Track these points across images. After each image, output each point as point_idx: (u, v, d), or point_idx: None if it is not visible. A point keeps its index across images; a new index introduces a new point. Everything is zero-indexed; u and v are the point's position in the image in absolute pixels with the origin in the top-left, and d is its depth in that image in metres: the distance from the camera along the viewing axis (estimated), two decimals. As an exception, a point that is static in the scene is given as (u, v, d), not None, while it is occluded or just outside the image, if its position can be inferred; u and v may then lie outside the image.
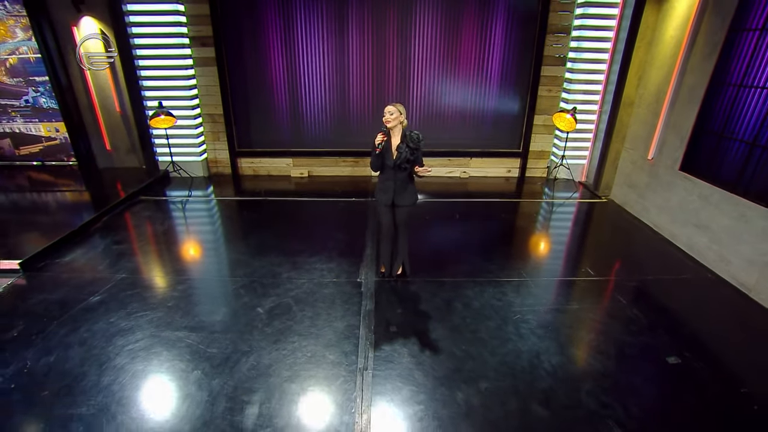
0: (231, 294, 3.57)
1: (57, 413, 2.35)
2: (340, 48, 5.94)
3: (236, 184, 6.45)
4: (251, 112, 6.43)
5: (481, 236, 4.69)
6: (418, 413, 2.36)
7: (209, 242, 4.72)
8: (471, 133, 6.40)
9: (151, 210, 5.35)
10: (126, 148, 6.45)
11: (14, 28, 5.75)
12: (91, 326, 3.07)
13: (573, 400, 2.45)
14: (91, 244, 4.37)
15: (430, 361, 2.75)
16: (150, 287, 3.64)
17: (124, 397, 2.45)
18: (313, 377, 2.60)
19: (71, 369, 2.66)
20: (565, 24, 5.66)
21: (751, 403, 2.48)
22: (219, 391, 2.49)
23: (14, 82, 6.09)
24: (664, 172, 4.65)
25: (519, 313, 3.24)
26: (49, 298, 3.43)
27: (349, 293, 3.51)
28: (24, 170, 6.53)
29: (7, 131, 6.44)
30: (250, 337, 2.97)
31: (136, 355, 2.78)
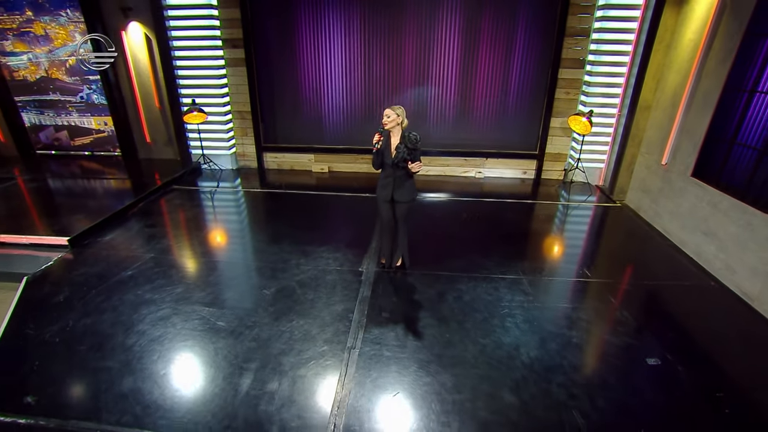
0: (243, 276, 3.94)
1: (89, 365, 2.77)
2: (362, 50, 6.20)
3: (261, 177, 6.87)
4: (277, 109, 6.83)
5: (486, 235, 4.81)
6: (394, 389, 2.59)
7: (231, 230, 5.13)
8: (487, 134, 6.50)
9: (182, 198, 5.84)
10: (163, 141, 7.03)
11: (74, 32, 6.41)
12: (122, 296, 3.51)
13: (542, 390, 2.60)
14: (128, 226, 4.88)
15: (413, 345, 2.97)
16: (174, 266, 4.06)
17: (143, 357, 2.83)
18: (305, 352, 2.89)
19: (103, 330, 3.10)
20: (585, 27, 5.64)
21: (723, 407, 2.53)
22: (223, 357, 2.83)
23: (72, 80, 6.78)
24: (677, 177, 4.60)
25: (507, 308, 3.39)
26: (89, 270, 3.93)
27: (349, 281, 3.78)
28: (77, 159, 7.26)
29: (65, 124, 7.18)
30: (254, 314, 3.30)
31: (156, 323, 3.17)
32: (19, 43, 6.58)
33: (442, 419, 2.40)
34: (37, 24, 6.41)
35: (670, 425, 2.41)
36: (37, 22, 6.40)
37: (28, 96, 7.01)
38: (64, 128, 7.26)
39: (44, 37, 6.50)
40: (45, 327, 3.15)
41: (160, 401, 2.49)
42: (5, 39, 6.57)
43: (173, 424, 2.35)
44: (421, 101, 6.44)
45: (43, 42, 6.55)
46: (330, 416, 2.40)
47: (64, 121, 7.18)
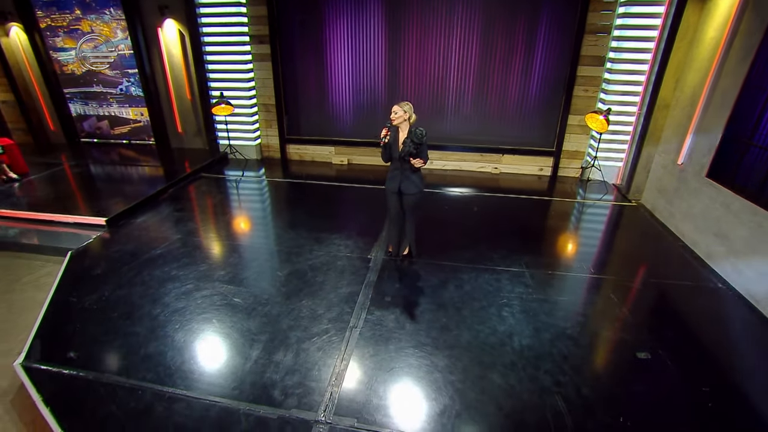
0: (261, 258, 4.22)
1: (121, 329, 3.11)
2: (382, 47, 6.37)
3: (284, 168, 7.18)
4: (300, 103, 7.11)
5: (495, 229, 4.91)
6: (389, 366, 2.80)
7: (253, 216, 5.44)
8: (504, 131, 6.55)
9: (209, 185, 6.22)
10: (193, 131, 7.45)
11: (116, 29, 6.88)
12: (151, 272, 3.86)
13: (529, 375, 2.74)
14: (159, 210, 5.28)
15: (411, 327, 3.16)
16: (199, 247, 4.40)
17: (167, 325, 3.15)
18: (311, 328, 3.14)
19: (133, 300, 3.45)
20: (606, 23, 5.59)
21: (707, 401, 2.59)
22: (236, 329, 3.11)
23: (113, 74, 7.28)
24: (692, 177, 4.55)
25: (506, 299, 3.52)
26: (123, 248, 4.32)
27: (357, 267, 4.00)
28: (116, 147, 7.80)
29: (106, 114, 7.72)
30: (267, 293, 3.57)
31: (180, 296, 3.50)
32: (68, 39, 7.13)
33: (432, 395, 2.58)
34: (84, 22, 6.92)
35: (652, 415, 2.50)
36: (84, 20, 6.91)
37: (75, 88, 7.59)
38: (105, 118, 7.81)
39: (90, 33, 7.00)
40: (85, 296, 3.53)
41: (178, 364, 2.80)
42: (56, 36, 7.12)
43: (190, 384, 2.64)
44: (440, 97, 6.55)
45: (89, 38, 7.05)
46: (328, 385, 2.63)
47: (106, 112, 7.72)
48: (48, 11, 6.97)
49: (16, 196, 5.64)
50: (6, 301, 3.74)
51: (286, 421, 2.40)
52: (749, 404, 2.61)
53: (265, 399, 2.54)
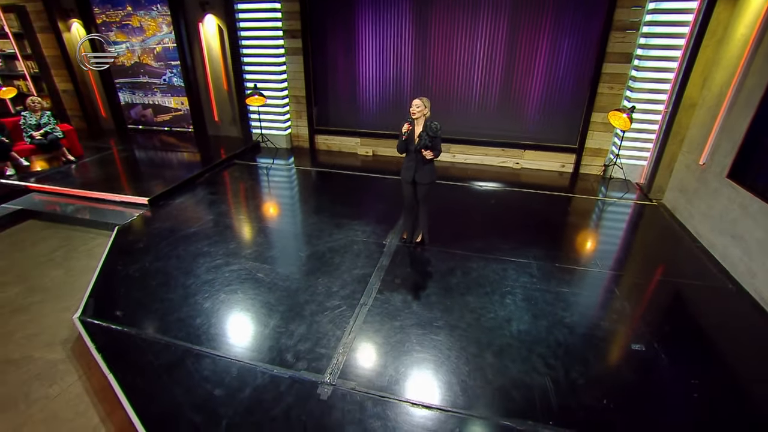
0: (285, 239, 4.57)
1: (158, 295, 3.53)
2: (409, 42, 6.54)
3: (312, 157, 7.52)
4: (329, 95, 7.40)
5: (510, 222, 5.03)
6: (392, 339, 3.05)
7: (281, 201, 5.81)
8: (527, 126, 6.60)
9: (242, 171, 6.65)
10: (229, 120, 7.92)
11: (162, 24, 7.39)
12: (186, 247, 4.28)
13: (522, 357, 2.92)
14: (195, 192, 5.74)
15: (417, 308, 3.40)
16: (229, 227, 4.79)
17: (197, 294, 3.54)
18: (324, 303, 3.43)
19: (169, 271, 3.86)
20: (634, 20, 5.53)
21: (693, 392, 2.70)
22: (258, 300, 3.46)
23: (158, 65, 7.83)
24: (713, 178, 4.51)
25: (510, 287, 3.69)
26: (162, 225, 4.77)
27: (372, 251, 4.26)
28: (158, 134, 8.40)
29: (150, 103, 8.31)
30: (288, 271, 3.91)
31: (209, 269, 3.89)
32: (120, 33, 7.72)
33: (428, 367, 2.82)
34: (134, 17, 7.48)
35: (635, 400, 2.63)
36: (135, 15, 7.46)
37: (124, 78, 8.21)
38: (149, 107, 8.40)
39: (139, 28, 7.57)
40: (129, 265, 3.98)
41: (205, 327, 3.16)
42: (110, 30, 7.73)
43: (215, 345, 3.00)
44: (465, 91, 6.67)
45: (138, 33, 7.62)
46: (335, 353, 2.92)
47: (150, 101, 8.31)
48: (104, 8, 7.57)
49: (73, 176, 6.26)
50: (65, 267, 4.27)
51: (296, 381, 2.70)
52: (735, 398, 2.69)
53: (279, 361, 2.86)
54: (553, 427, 2.41)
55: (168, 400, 2.58)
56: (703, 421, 2.51)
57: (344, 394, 2.62)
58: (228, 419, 2.45)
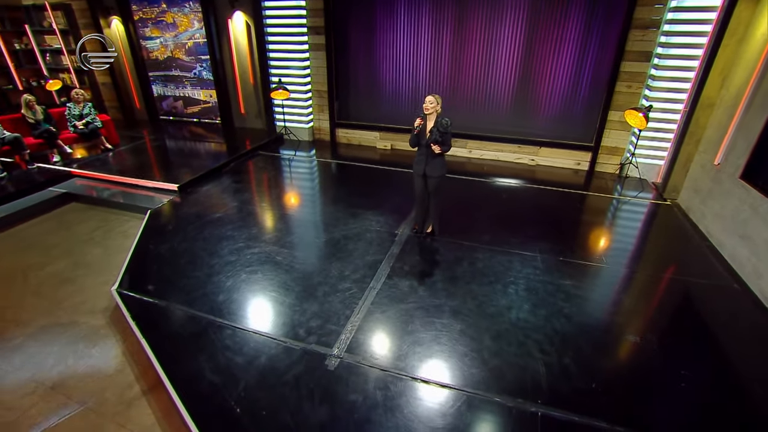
0: (303, 226, 4.86)
1: (185, 272, 3.86)
2: (428, 39, 6.69)
3: (333, 150, 7.78)
4: (350, 90, 7.64)
5: (520, 217, 5.14)
6: (397, 320, 3.28)
7: (301, 191, 6.10)
8: (543, 123, 6.65)
9: (265, 162, 6.98)
10: (254, 113, 8.27)
11: (193, 20, 7.78)
12: (211, 231, 4.62)
13: (518, 342, 3.10)
14: (221, 180, 6.10)
15: (423, 293, 3.61)
16: (252, 214, 5.11)
17: (220, 273, 3.85)
18: (337, 285, 3.69)
19: (196, 252, 4.20)
20: (655, 18, 5.51)
21: (680, 381, 2.81)
22: (276, 281, 3.74)
23: (189, 59, 8.24)
24: (726, 178, 4.51)
25: (513, 278, 3.85)
26: (190, 210, 5.14)
27: (385, 239, 4.49)
28: (188, 125, 8.84)
29: (181, 95, 8.75)
30: (304, 254, 4.18)
31: (232, 251, 4.20)
32: (155, 29, 8.16)
33: (428, 346, 3.03)
34: (168, 14, 7.89)
35: (623, 386, 2.78)
36: (169, 12, 7.87)
37: (157, 72, 8.67)
38: (180, 99, 8.85)
39: (172, 24, 7.98)
40: (160, 245, 4.35)
41: (227, 302, 3.47)
42: (145, 26, 8.18)
43: (235, 318, 3.30)
44: (482, 88, 6.77)
45: (171, 28, 8.03)
46: (344, 330, 3.17)
47: (181, 93, 8.75)
48: (141, 5, 8.02)
49: (110, 163, 6.73)
50: (103, 245, 4.68)
51: (307, 352, 2.97)
52: (723, 390, 2.79)
53: (293, 334, 3.13)
54: (541, 406, 2.59)
55: (193, 363, 2.89)
56: (690, 409, 2.63)
57: (350, 366, 2.86)
58: (245, 382, 2.74)
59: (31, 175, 6.16)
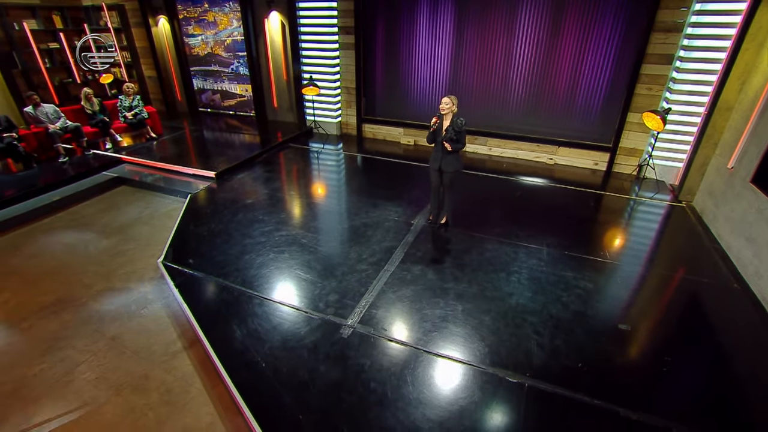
0: (327, 214, 5.28)
1: (221, 250, 4.35)
2: (452, 40, 6.94)
3: (359, 144, 8.16)
4: (377, 87, 7.99)
5: (533, 213, 5.34)
6: (406, 299, 3.64)
7: (327, 181, 6.51)
8: (563, 123, 6.79)
9: (295, 154, 7.45)
10: (286, 107, 8.76)
11: (232, 19, 8.32)
12: (244, 215, 5.11)
13: (515, 323, 3.39)
14: (254, 170, 6.60)
15: (432, 276, 3.95)
16: (281, 201, 5.57)
17: (252, 251, 4.32)
18: (354, 266, 4.08)
19: (230, 232, 4.69)
20: (678, 21, 5.56)
21: (663, 366, 3.04)
22: (299, 260, 4.17)
23: (227, 55, 8.81)
24: (738, 182, 4.60)
25: (517, 267, 4.12)
26: (226, 196, 5.65)
27: (401, 228, 4.84)
28: (224, 117, 9.44)
29: (219, 89, 9.35)
30: (326, 238, 4.60)
31: (262, 233, 4.67)
32: (197, 27, 8.77)
33: (432, 322, 3.37)
34: (210, 13, 8.47)
35: (609, 368, 3.03)
36: (210, 11, 8.45)
37: (198, 67, 9.29)
38: (218, 92, 9.45)
39: (213, 23, 8.56)
40: (199, 226, 4.87)
41: (257, 277, 3.92)
42: (189, 24, 8.80)
43: (263, 290, 3.74)
44: (503, 88, 6.97)
45: (212, 26, 8.61)
46: (358, 305, 3.56)
47: (219, 87, 9.35)
48: (185, 5, 8.64)
49: (154, 151, 7.37)
50: (149, 224, 5.25)
51: (325, 322, 3.37)
52: (702, 374, 3.00)
53: (313, 306, 3.55)
54: (529, 378, 2.89)
55: (225, 326, 3.35)
56: (669, 391, 2.87)
57: (362, 335, 3.25)
58: (270, 344, 3.17)
59: (87, 160, 6.85)
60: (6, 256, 4.61)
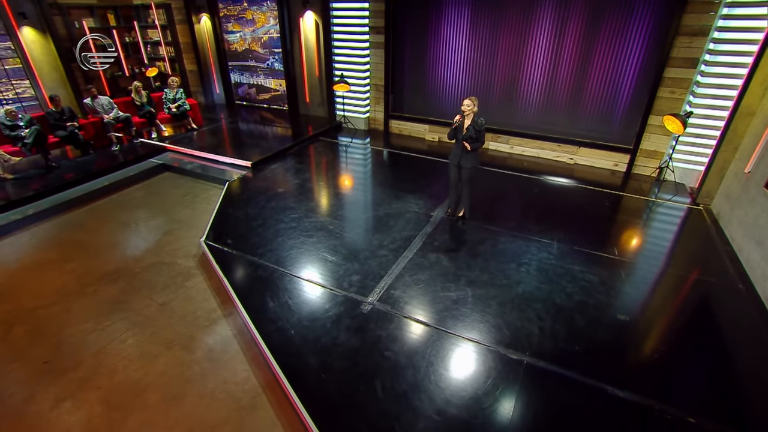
0: (353, 203, 5.68)
1: (256, 232, 4.82)
2: (478, 42, 7.17)
3: (385, 139, 8.51)
4: (404, 85, 8.31)
5: (548, 210, 5.52)
6: (420, 282, 3.99)
7: (354, 174, 6.90)
8: (584, 124, 6.93)
9: (325, 147, 7.88)
10: (317, 102, 9.20)
11: (269, 18, 8.80)
12: (277, 202, 5.57)
13: (520, 308, 3.69)
14: (286, 161, 7.07)
15: (446, 263, 4.28)
16: (310, 190, 6.01)
17: (283, 235, 4.76)
18: (375, 252, 4.45)
19: (264, 217, 5.16)
20: (705, 25, 5.61)
21: (655, 353, 3.27)
22: (325, 243, 4.59)
23: (263, 52, 9.32)
24: (753, 186, 4.69)
25: (527, 259, 4.39)
26: (260, 184, 6.14)
27: (420, 219, 5.18)
28: (259, 110, 9.98)
29: (254, 83, 9.89)
30: (351, 226, 5.00)
31: (293, 219, 5.11)
32: (236, 24, 9.31)
33: (444, 303, 3.72)
34: (249, 11, 8.98)
35: (604, 351, 3.29)
36: (249, 10, 8.96)
37: (236, 62, 9.85)
38: (254, 86, 9.98)
39: (251, 20, 9.07)
40: (236, 210, 5.36)
41: (288, 257, 4.36)
42: (228, 22, 9.35)
43: (293, 269, 4.17)
44: (527, 88, 7.16)
45: (250, 24, 9.13)
46: (378, 286, 3.94)
47: (255, 81, 9.88)
48: (226, 3, 9.18)
49: (195, 141, 7.95)
50: (191, 207, 5.79)
51: (347, 299, 3.77)
52: (692, 364, 3.22)
53: (336, 284, 3.95)
54: (528, 356, 3.20)
55: (260, 298, 3.80)
56: (657, 375, 3.11)
57: (380, 311, 3.63)
58: (298, 315, 3.60)
59: (135, 148, 7.50)
60: (72, 231, 5.25)
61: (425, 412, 2.76)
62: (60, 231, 5.26)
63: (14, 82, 7.81)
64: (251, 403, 3.01)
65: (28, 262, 4.64)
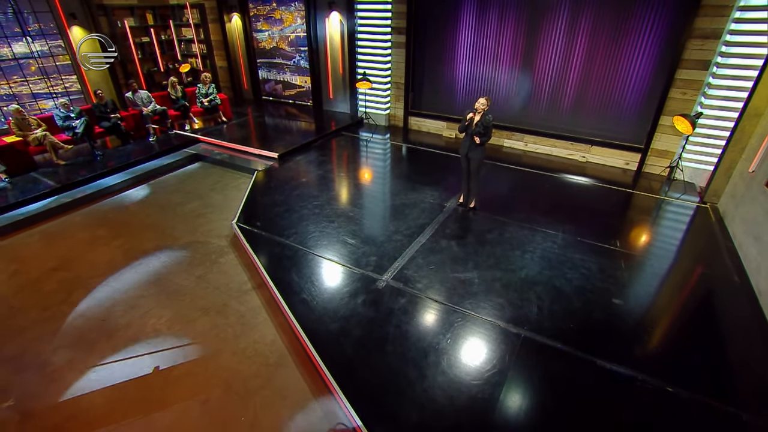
0: (371, 194, 6.07)
1: (283, 216, 5.28)
2: (493, 44, 7.45)
3: (404, 135, 8.86)
4: (424, 84, 8.64)
5: (558, 204, 5.78)
6: (431, 263, 4.36)
7: (373, 167, 7.29)
8: (597, 123, 7.12)
9: (346, 141, 8.30)
10: (341, 98, 9.62)
11: (297, 17, 9.26)
12: (301, 191, 6.01)
13: (521, 290, 4.01)
14: (309, 154, 7.52)
15: (455, 249, 4.63)
16: (332, 181, 6.44)
17: (308, 221, 5.20)
18: (391, 236, 4.84)
19: (290, 203, 5.61)
20: (717, 28, 5.76)
21: (644, 335, 3.56)
22: (345, 229, 5.00)
23: (290, 50, 9.79)
24: (756, 185, 4.86)
25: (531, 248, 4.71)
26: (285, 174, 6.60)
27: (434, 209, 5.53)
28: (284, 105, 10.47)
29: (281, 80, 10.39)
30: (370, 213, 5.41)
31: (316, 206, 5.55)
32: (265, 23, 9.81)
33: (452, 283, 4.08)
34: (277, 11, 9.47)
35: (596, 330, 3.59)
36: (278, 10, 9.44)
37: (264, 59, 10.36)
38: (280, 83, 10.48)
39: (279, 20, 9.55)
40: (264, 197, 5.83)
41: (311, 239, 4.80)
42: (258, 21, 9.86)
43: (316, 249, 4.60)
44: (541, 87, 7.40)
45: (278, 23, 9.61)
46: (392, 266, 4.33)
47: (281, 78, 10.37)
48: (255, 3, 9.69)
49: (225, 133, 8.49)
50: (223, 194, 6.30)
51: (365, 276, 4.18)
52: (678, 342, 3.50)
53: (354, 264, 4.36)
54: (525, 330, 3.54)
55: (287, 274, 4.24)
56: (641, 350, 3.40)
57: (393, 288, 4.02)
58: (319, 288, 4.02)
59: (170, 139, 8.08)
60: (118, 212, 5.82)
61: (430, 372, 3.14)
62: (106, 212, 5.83)
63: (63, 77, 8.49)
64: (278, 362, 3.45)
65: (82, 237, 5.21)
